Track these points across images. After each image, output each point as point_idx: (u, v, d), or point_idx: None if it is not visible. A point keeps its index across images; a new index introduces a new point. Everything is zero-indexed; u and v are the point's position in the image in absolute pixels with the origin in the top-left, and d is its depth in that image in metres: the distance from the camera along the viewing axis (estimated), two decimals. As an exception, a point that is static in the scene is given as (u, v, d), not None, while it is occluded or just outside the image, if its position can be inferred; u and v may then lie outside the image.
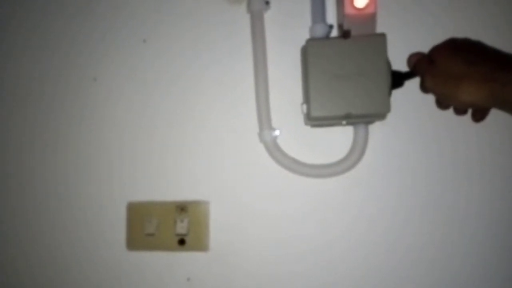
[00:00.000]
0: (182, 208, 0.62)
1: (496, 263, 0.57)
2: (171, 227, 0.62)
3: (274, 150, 0.61)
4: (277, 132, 0.61)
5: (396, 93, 0.56)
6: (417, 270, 0.59)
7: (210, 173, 0.64)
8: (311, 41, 0.56)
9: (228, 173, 0.63)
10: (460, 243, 0.58)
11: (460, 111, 0.50)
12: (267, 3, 0.62)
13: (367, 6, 0.54)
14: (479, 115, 0.50)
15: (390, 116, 0.56)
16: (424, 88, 0.53)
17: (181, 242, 0.62)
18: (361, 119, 0.57)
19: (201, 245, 0.62)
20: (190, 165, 0.64)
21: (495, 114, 0.51)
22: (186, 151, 0.64)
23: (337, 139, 0.60)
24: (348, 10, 0.54)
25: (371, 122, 0.59)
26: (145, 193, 0.65)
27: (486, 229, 0.58)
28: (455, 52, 0.47)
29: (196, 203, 0.63)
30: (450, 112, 0.55)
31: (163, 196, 0.64)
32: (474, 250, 0.58)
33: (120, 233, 0.65)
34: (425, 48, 0.54)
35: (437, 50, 0.50)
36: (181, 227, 0.61)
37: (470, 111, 0.53)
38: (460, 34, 0.55)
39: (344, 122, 0.57)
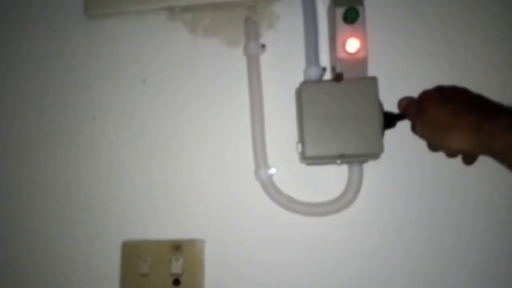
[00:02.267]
0: (177, 247, 0.62)
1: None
2: (166, 266, 0.61)
3: (270, 188, 0.61)
4: (273, 170, 0.62)
5: (390, 133, 0.57)
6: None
7: (205, 211, 0.63)
8: (305, 84, 0.58)
9: (223, 211, 0.63)
10: (458, 281, 0.58)
11: (450, 155, 0.51)
12: (263, 46, 0.64)
13: (359, 50, 0.57)
14: (469, 159, 0.51)
15: (384, 156, 0.57)
16: (414, 131, 0.54)
17: (176, 282, 0.61)
18: (355, 158, 0.58)
19: (196, 286, 0.61)
20: (186, 203, 0.64)
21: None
22: (181, 189, 0.64)
23: (332, 177, 0.61)
24: (340, 54, 0.57)
25: (365, 161, 0.60)
26: (140, 232, 0.64)
27: (485, 266, 0.58)
28: (444, 102, 0.49)
29: (191, 242, 0.62)
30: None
31: (158, 235, 0.63)
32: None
33: (114, 272, 0.63)
34: (415, 89, 0.56)
35: (426, 98, 0.52)
36: (176, 267, 0.60)
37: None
38: (449, 76, 0.58)
39: (338, 161, 0.58)
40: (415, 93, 0.56)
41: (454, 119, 0.47)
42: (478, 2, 0.62)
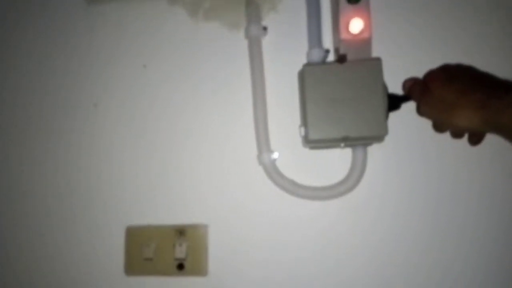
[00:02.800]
0: (181, 232, 0.62)
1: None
2: (170, 251, 0.62)
3: (273, 173, 0.61)
4: (275, 155, 0.61)
5: (394, 115, 0.56)
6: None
7: (208, 196, 0.63)
8: (308, 66, 0.57)
9: (226, 196, 0.63)
10: (461, 265, 0.58)
11: (456, 134, 0.51)
12: (265, 28, 0.63)
13: (362, 31, 0.55)
14: (475, 139, 0.50)
15: (388, 138, 0.56)
16: (419, 113, 0.54)
17: (180, 266, 0.61)
18: (359, 141, 0.57)
19: (200, 270, 0.61)
20: (189, 188, 0.64)
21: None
22: (184, 174, 0.64)
23: (336, 161, 0.61)
24: (344, 35, 0.56)
25: (369, 144, 0.59)
26: (144, 217, 0.64)
27: (487, 249, 0.57)
28: (449, 80, 0.48)
29: (195, 227, 0.62)
30: (447, 133, 0.56)
31: (161, 220, 0.64)
32: (476, 272, 0.57)
33: (118, 257, 0.64)
34: (420, 69, 0.55)
35: (431, 78, 0.51)
36: (180, 251, 0.61)
37: (467, 135, 0.53)
38: (453, 56, 0.57)
39: (342, 144, 0.58)
40: (420, 73, 0.55)
41: (459, 97, 0.46)
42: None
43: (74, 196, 0.67)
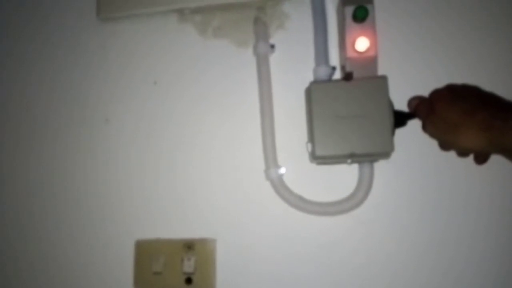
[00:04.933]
0: (189, 246, 0.63)
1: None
2: (178, 265, 0.62)
3: (281, 188, 0.62)
4: (283, 170, 0.62)
5: (400, 132, 0.57)
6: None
7: (216, 211, 0.64)
8: (315, 83, 0.58)
9: (234, 211, 0.64)
10: (470, 281, 0.57)
11: (462, 154, 0.51)
12: (272, 46, 0.65)
13: (368, 49, 0.56)
14: (481, 159, 0.50)
15: (394, 155, 0.56)
16: (425, 131, 0.54)
17: (188, 281, 0.62)
18: (365, 158, 0.58)
19: (208, 284, 0.62)
20: (197, 202, 0.65)
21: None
22: (193, 189, 0.65)
23: (343, 177, 0.61)
24: (350, 53, 0.57)
25: (375, 160, 0.60)
26: (153, 231, 0.65)
27: (496, 268, 0.57)
28: (454, 101, 0.49)
29: (203, 241, 0.63)
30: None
31: (170, 234, 0.64)
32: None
33: (127, 271, 0.65)
34: (426, 86, 0.56)
35: (436, 98, 0.51)
36: (188, 266, 0.61)
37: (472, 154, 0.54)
38: (458, 74, 0.57)
39: (349, 160, 0.58)
40: (425, 91, 0.55)
41: (464, 118, 0.46)
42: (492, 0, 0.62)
43: (84, 210, 0.68)
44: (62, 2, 0.72)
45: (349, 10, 0.57)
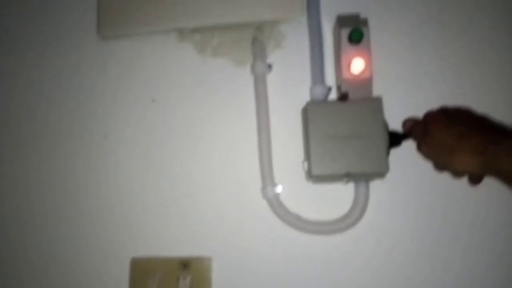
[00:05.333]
0: (185, 264, 0.63)
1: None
2: (173, 284, 0.62)
3: (277, 207, 0.62)
4: (279, 189, 0.62)
5: (395, 152, 0.58)
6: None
7: (212, 229, 0.64)
8: (311, 104, 0.59)
9: (230, 229, 0.64)
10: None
11: (456, 176, 0.51)
12: (270, 66, 0.66)
13: (364, 71, 0.57)
14: (475, 180, 0.51)
15: (390, 174, 0.57)
16: (420, 152, 0.55)
17: (184, 299, 0.62)
18: (361, 177, 0.58)
19: (203, 303, 0.62)
20: (193, 220, 0.65)
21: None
22: (189, 206, 0.65)
23: (339, 194, 0.61)
24: (345, 75, 0.58)
25: (371, 179, 0.60)
26: (148, 248, 0.65)
27: (490, 285, 0.57)
28: (448, 124, 0.49)
29: (199, 260, 0.63)
30: (448, 171, 0.57)
31: (165, 251, 0.64)
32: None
33: (123, 288, 0.65)
34: (420, 107, 0.56)
35: (430, 120, 0.52)
36: (184, 285, 0.61)
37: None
38: (452, 95, 0.58)
39: (345, 179, 0.59)
40: (419, 111, 0.56)
41: (459, 141, 0.47)
42: (484, 22, 0.63)
43: (79, 227, 0.68)
44: (63, 20, 0.73)
45: (345, 32, 0.58)
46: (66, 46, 0.72)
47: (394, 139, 0.57)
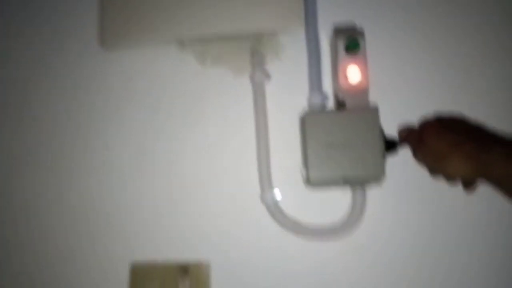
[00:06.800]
0: (184, 270, 0.63)
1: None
2: (173, 289, 0.63)
3: (276, 212, 0.63)
4: (278, 194, 0.63)
5: (393, 159, 0.59)
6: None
7: (211, 234, 0.65)
8: (309, 113, 0.60)
9: (229, 234, 0.65)
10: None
11: (449, 180, 0.53)
12: (268, 76, 0.67)
13: (360, 80, 0.59)
14: (469, 187, 0.52)
15: (387, 181, 0.58)
16: (415, 159, 0.56)
17: (183, 305, 0.63)
18: (358, 182, 0.59)
19: (203, 309, 0.62)
20: (192, 226, 0.66)
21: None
22: (188, 212, 0.66)
23: (338, 199, 0.62)
24: (342, 84, 0.59)
25: (368, 185, 0.61)
26: (147, 253, 0.66)
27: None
28: (443, 132, 0.51)
29: (198, 265, 0.63)
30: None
31: (165, 256, 0.65)
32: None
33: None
34: (415, 114, 0.58)
35: (425, 129, 0.54)
36: (183, 290, 0.62)
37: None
38: (446, 104, 0.60)
39: (341, 181, 0.59)
40: (415, 117, 0.57)
41: (452, 148, 0.49)
42: (480, 32, 0.64)
43: (77, 233, 0.68)
44: (64, 30, 0.73)
45: (342, 42, 0.59)
46: (67, 57, 0.73)
47: (390, 147, 0.58)
